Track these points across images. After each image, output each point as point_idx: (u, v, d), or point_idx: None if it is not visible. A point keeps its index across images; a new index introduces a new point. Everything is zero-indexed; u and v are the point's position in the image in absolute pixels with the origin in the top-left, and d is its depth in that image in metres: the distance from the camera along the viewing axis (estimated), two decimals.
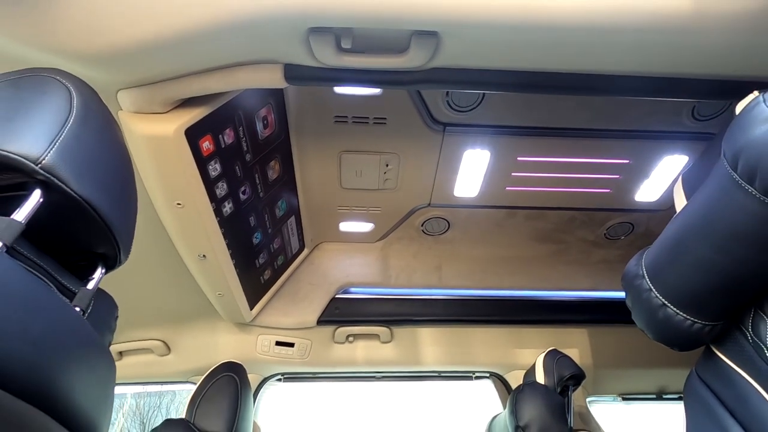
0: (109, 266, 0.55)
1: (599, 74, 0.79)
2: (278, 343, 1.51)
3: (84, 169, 0.47)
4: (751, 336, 0.60)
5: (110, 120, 0.55)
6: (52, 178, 0.43)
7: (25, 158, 0.42)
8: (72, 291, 0.50)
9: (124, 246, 0.54)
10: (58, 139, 0.45)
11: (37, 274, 0.45)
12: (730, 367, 0.63)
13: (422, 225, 1.48)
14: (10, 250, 0.41)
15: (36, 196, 0.43)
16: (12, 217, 0.41)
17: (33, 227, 0.43)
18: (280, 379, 1.62)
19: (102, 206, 0.48)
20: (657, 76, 0.80)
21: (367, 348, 1.56)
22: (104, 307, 0.56)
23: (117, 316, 0.60)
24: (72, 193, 0.45)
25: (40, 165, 0.43)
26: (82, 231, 0.50)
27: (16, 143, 0.43)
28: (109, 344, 0.56)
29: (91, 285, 0.52)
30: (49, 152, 0.43)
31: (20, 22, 0.62)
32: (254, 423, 1.48)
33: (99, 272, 0.53)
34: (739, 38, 0.68)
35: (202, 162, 0.90)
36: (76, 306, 0.48)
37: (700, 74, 0.79)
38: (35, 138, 0.44)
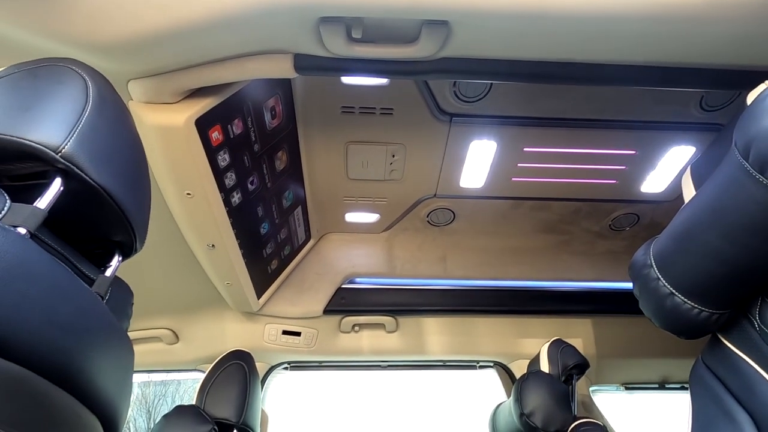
0: (125, 254, 0.56)
1: (608, 64, 0.79)
2: (285, 332, 1.53)
3: (101, 158, 0.47)
4: (758, 324, 0.61)
5: (124, 109, 0.55)
6: (72, 166, 0.44)
7: (46, 147, 0.43)
8: (91, 278, 0.51)
9: (140, 234, 0.55)
10: (77, 128, 0.46)
11: (58, 260, 0.46)
12: (737, 354, 0.63)
13: (428, 216, 1.48)
14: (33, 237, 0.42)
15: (57, 185, 0.44)
16: (34, 204, 0.42)
17: (52, 215, 0.44)
18: (286, 368, 1.64)
19: (119, 194, 0.49)
20: (666, 66, 0.79)
21: (373, 337, 1.58)
22: (121, 294, 0.57)
23: (133, 303, 0.61)
24: (91, 181, 0.46)
25: (60, 153, 0.43)
26: (99, 219, 0.51)
27: (36, 132, 0.43)
28: (126, 330, 0.58)
29: (108, 272, 0.53)
30: (68, 141, 0.44)
31: (34, 12, 0.62)
32: (261, 410, 1.50)
33: (116, 260, 0.54)
34: (749, 28, 0.68)
35: (211, 152, 0.90)
36: (95, 292, 0.49)
37: (710, 64, 0.79)
38: (55, 127, 0.44)
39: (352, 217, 1.50)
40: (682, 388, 1.69)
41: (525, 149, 1.25)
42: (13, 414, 0.32)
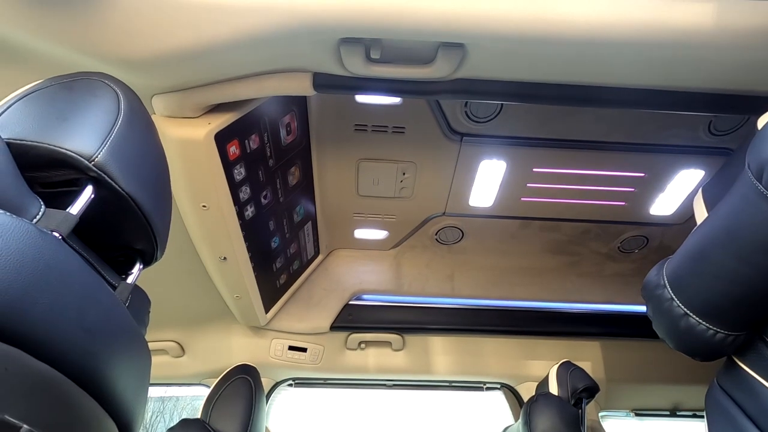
0: (146, 262, 0.58)
1: (618, 87, 0.80)
2: (291, 348, 1.52)
3: (131, 168, 0.49)
4: None
5: (151, 123, 0.58)
6: (104, 175, 0.46)
7: (80, 155, 0.44)
8: (113, 284, 0.52)
9: (161, 242, 0.56)
10: (109, 138, 0.48)
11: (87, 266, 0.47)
12: (753, 377, 0.63)
13: (436, 234, 1.49)
14: (64, 241, 0.43)
15: (88, 192, 0.45)
16: (67, 210, 0.44)
17: (80, 222, 0.46)
18: (291, 384, 1.63)
19: (145, 204, 0.51)
20: (676, 90, 0.81)
21: (379, 355, 1.56)
22: (139, 301, 0.58)
23: (149, 311, 0.62)
24: (120, 190, 0.47)
25: (93, 162, 0.45)
26: (124, 227, 0.52)
27: (71, 141, 0.45)
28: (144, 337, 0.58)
29: (130, 279, 0.54)
30: (101, 151, 0.46)
31: (67, 28, 0.65)
32: (266, 428, 1.48)
33: (138, 267, 0.55)
34: (758, 54, 0.70)
35: (228, 165, 0.92)
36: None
37: (718, 89, 0.80)
38: (89, 137, 0.46)
39: (361, 233, 1.51)
40: (694, 416, 1.65)
41: (534, 170, 1.26)
42: (41, 413, 0.33)
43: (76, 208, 0.44)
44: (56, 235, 0.41)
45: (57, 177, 0.47)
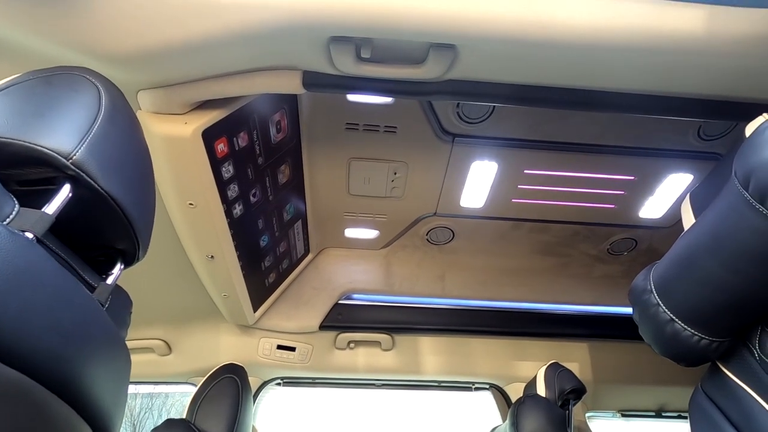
0: (127, 262, 0.56)
1: (610, 91, 0.80)
2: (280, 347, 1.51)
3: (111, 166, 0.48)
4: (758, 353, 0.61)
5: (134, 120, 0.56)
6: (82, 173, 0.44)
7: (57, 153, 0.43)
8: (92, 285, 0.50)
9: (143, 242, 0.55)
10: (88, 136, 0.46)
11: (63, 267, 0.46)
12: (737, 383, 0.63)
13: (427, 234, 1.48)
14: (39, 242, 0.42)
15: (66, 191, 0.44)
16: (42, 210, 0.42)
17: (58, 221, 0.44)
18: (279, 383, 1.62)
19: (126, 203, 0.49)
20: (666, 95, 0.81)
21: (368, 355, 1.56)
22: (120, 301, 0.57)
23: (131, 312, 0.61)
24: (99, 188, 0.46)
25: (71, 160, 0.44)
26: (104, 226, 0.51)
27: (48, 138, 0.44)
28: (124, 339, 0.57)
29: (110, 280, 0.52)
30: (80, 148, 0.45)
31: (49, 21, 0.63)
32: (253, 427, 1.47)
33: (118, 268, 0.54)
34: (747, 62, 0.70)
35: (216, 163, 0.91)
36: (96, 300, 0.49)
37: (708, 95, 0.81)
38: (67, 134, 0.45)
39: (351, 232, 1.50)
40: (679, 417, 1.67)
41: (525, 171, 1.26)
42: (10, 422, 0.32)
43: (52, 207, 0.43)
44: (29, 235, 0.39)
45: (34, 175, 0.45)
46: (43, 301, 0.36)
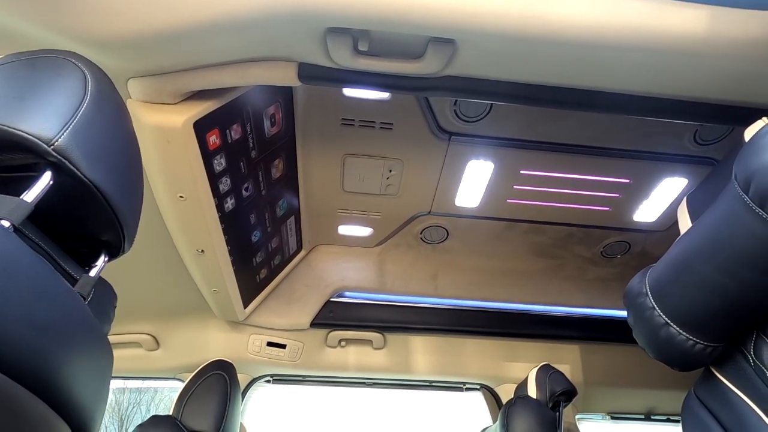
0: (112, 254, 0.55)
1: (609, 91, 0.80)
2: (270, 344, 1.49)
3: (95, 154, 0.46)
4: (752, 359, 0.60)
5: (122, 107, 0.54)
6: (64, 160, 0.43)
7: (38, 139, 0.41)
8: (74, 277, 0.49)
9: (129, 234, 0.53)
10: (72, 122, 0.44)
11: (41, 257, 0.44)
12: (730, 389, 0.63)
13: (421, 233, 1.47)
14: (16, 231, 0.40)
15: (46, 178, 0.42)
16: (21, 197, 0.41)
17: (39, 210, 0.42)
18: (268, 381, 1.60)
19: (111, 193, 0.48)
20: (663, 97, 0.81)
21: (359, 353, 1.55)
22: (104, 295, 0.55)
23: (116, 306, 0.59)
24: (82, 177, 0.44)
25: (52, 147, 0.42)
26: (88, 217, 0.49)
27: (29, 123, 0.42)
28: (107, 334, 0.55)
29: (93, 272, 0.51)
30: (62, 134, 0.43)
31: (38, 5, 0.61)
32: (240, 424, 1.45)
33: (102, 260, 0.52)
34: (746, 65, 0.70)
35: (207, 156, 0.89)
36: (78, 293, 0.47)
37: (706, 98, 0.80)
38: (49, 119, 0.43)
39: (345, 229, 1.48)
40: (668, 420, 1.67)
41: (522, 172, 1.25)
42: None
43: (32, 195, 0.41)
44: (5, 224, 0.38)
45: (14, 161, 0.44)
46: (18, 292, 0.34)
